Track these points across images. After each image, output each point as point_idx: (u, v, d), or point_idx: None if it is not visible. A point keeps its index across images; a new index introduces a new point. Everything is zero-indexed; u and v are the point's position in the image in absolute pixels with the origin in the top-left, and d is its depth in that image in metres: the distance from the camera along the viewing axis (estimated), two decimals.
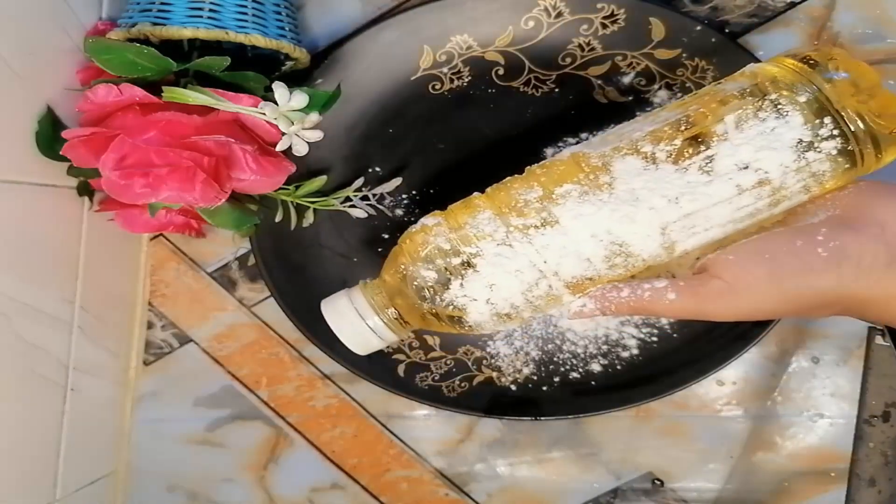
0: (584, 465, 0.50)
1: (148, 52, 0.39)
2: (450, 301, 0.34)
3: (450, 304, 0.34)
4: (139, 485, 0.52)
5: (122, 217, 0.45)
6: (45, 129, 0.41)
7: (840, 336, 0.48)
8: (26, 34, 0.39)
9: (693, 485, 0.49)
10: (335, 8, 0.50)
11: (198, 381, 0.52)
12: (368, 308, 0.36)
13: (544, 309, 0.35)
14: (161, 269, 0.52)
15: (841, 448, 0.47)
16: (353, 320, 0.36)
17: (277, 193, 0.45)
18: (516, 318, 0.35)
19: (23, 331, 0.41)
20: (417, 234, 0.35)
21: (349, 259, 0.48)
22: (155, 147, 0.39)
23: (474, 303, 0.34)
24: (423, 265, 0.34)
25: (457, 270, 0.33)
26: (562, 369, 0.47)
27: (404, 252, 0.35)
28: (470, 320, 0.34)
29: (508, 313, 0.34)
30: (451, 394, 0.48)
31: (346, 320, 0.36)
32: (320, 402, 0.51)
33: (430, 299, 0.34)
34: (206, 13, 0.40)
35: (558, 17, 0.46)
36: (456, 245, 0.34)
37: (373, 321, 0.36)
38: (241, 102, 0.40)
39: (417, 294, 0.34)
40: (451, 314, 0.34)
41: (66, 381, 0.45)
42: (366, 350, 0.37)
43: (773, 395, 0.48)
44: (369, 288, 0.37)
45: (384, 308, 0.36)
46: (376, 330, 0.36)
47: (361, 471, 0.51)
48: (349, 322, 0.36)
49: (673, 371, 0.46)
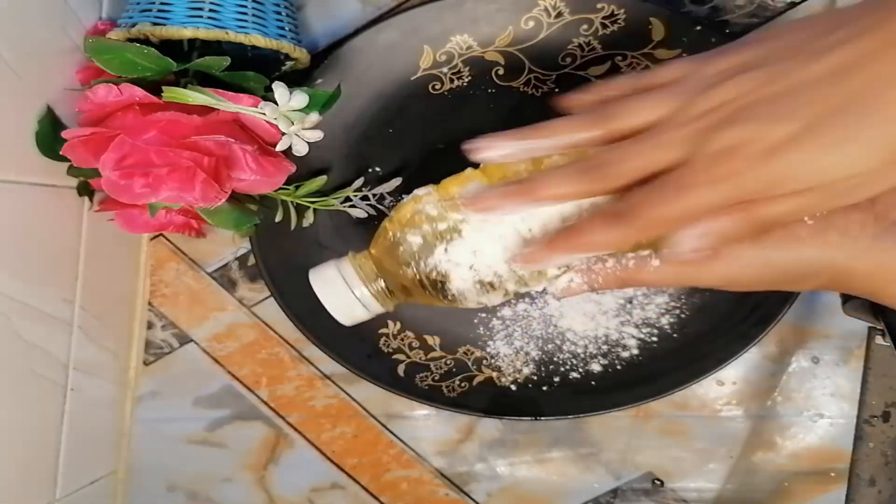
0: (584, 465, 0.50)
1: (148, 52, 0.39)
2: (434, 266, 0.34)
3: (433, 268, 0.34)
4: (139, 485, 0.52)
5: (122, 217, 0.45)
6: (45, 129, 0.41)
7: (840, 336, 0.48)
8: (26, 34, 0.39)
9: (693, 485, 0.49)
10: (335, 8, 0.50)
11: (198, 381, 0.52)
12: (356, 277, 0.36)
13: (529, 282, 0.35)
14: (161, 269, 0.52)
15: (841, 448, 0.47)
16: (341, 289, 0.36)
17: (277, 193, 0.45)
18: (500, 288, 0.35)
19: (23, 331, 0.41)
20: (407, 204, 0.35)
21: None
22: (155, 147, 0.39)
23: (458, 268, 0.34)
24: (410, 231, 0.34)
25: (442, 236, 0.34)
26: (562, 369, 0.47)
27: (393, 221, 0.36)
28: (453, 287, 0.34)
29: (492, 282, 0.34)
30: (451, 394, 0.48)
31: (334, 289, 0.36)
32: (320, 402, 0.51)
33: (416, 265, 0.34)
34: (206, 13, 0.40)
35: (558, 17, 0.46)
36: (443, 211, 0.34)
37: (360, 291, 0.36)
38: (241, 102, 0.40)
39: (403, 260, 0.35)
40: (435, 279, 0.34)
41: (66, 381, 0.45)
42: (351, 320, 0.37)
43: (773, 395, 0.48)
44: (358, 258, 0.37)
45: (372, 278, 0.36)
46: (362, 300, 0.36)
47: (361, 471, 0.51)
48: (336, 291, 0.36)
49: (673, 371, 0.46)
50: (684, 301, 0.47)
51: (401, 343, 0.48)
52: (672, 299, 0.47)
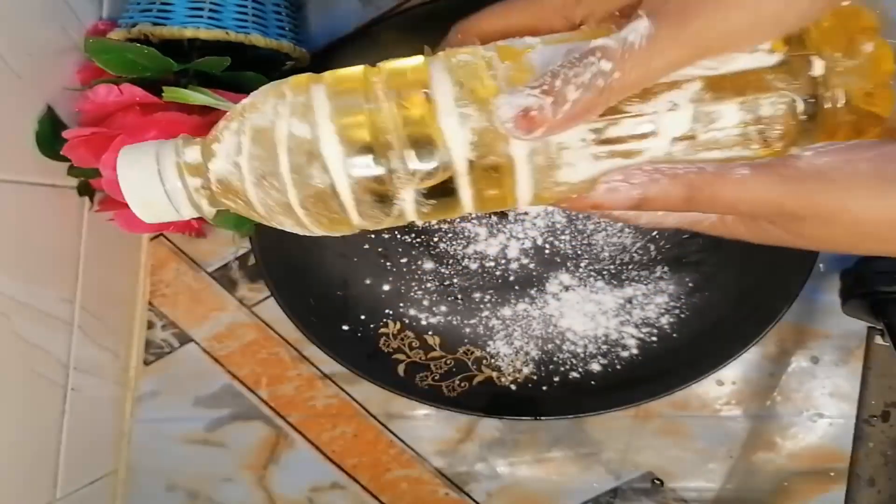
0: (584, 465, 0.50)
1: (148, 52, 0.39)
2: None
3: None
4: (139, 485, 0.52)
5: (122, 217, 0.45)
6: (45, 129, 0.41)
7: (840, 336, 0.48)
8: (26, 34, 0.39)
9: (693, 485, 0.49)
10: (335, 8, 0.50)
11: (198, 381, 0.52)
12: (173, 168, 0.27)
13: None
14: (161, 269, 0.52)
15: (841, 448, 0.47)
16: (150, 178, 0.27)
17: None
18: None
19: (23, 331, 0.41)
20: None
21: (349, 259, 0.48)
22: None
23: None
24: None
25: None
26: (562, 369, 0.47)
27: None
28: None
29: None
30: (451, 394, 0.48)
31: (141, 175, 0.27)
32: (320, 402, 0.51)
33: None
34: (206, 13, 0.40)
35: None
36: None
37: (171, 185, 0.27)
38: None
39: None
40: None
41: (66, 381, 0.45)
42: (153, 217, 0.29)
43: (773, 395, 0.48)
44: (189, 145, 0.28)
45: (195, 173, 0.28)
46: (172, 196, 0.28)
47: (361, 471, 0.51)
48: (144, 179, 0.27)
49: (673, 371, 0.46)
50: (684, 301, 0.47)
51: (401, 343, 0.48)
52: (672, 299, 0.47)
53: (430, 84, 0.25)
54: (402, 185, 0.25)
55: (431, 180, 0.25)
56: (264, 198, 0.26)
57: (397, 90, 0.25)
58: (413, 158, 0.24)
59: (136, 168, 0.27)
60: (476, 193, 0.25)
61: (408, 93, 0.25)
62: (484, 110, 0.24)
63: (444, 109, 0.24)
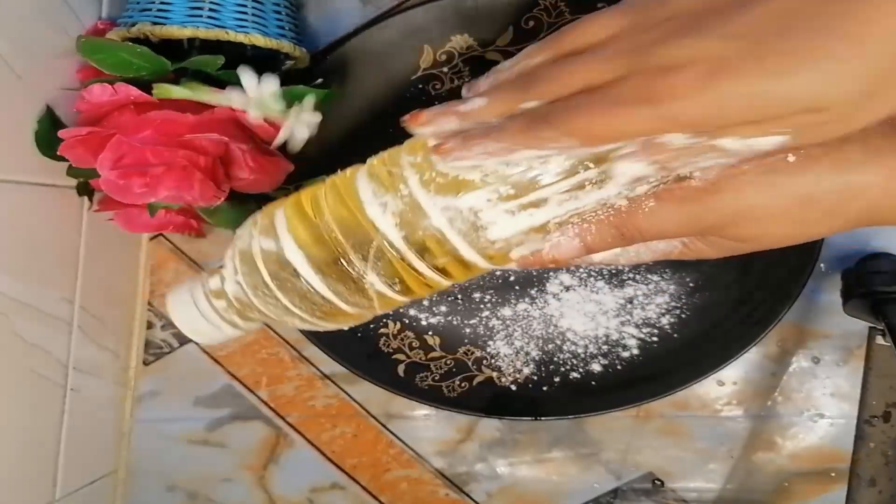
0: (584, 465, 0.50)
1: (142, 51, 0.39)
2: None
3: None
4: (139, 485, 0.52)
5: (122, 217, 0.45)
6: (44, 129, 0.41)
7: (840, 336, 0.48)
8: (26, 34, 0.39)
9: (693, 485, 0.49)
10: (335, 8, 0.50)
11: (198, 381, 0.52)
12: (203, 295, 0.33)
13: (493, 255, 0.28)
14: (161, 269, 0.52)
15: (841, 448, 0.47)
16: (189, 307, 0.33)
17: (277, 193, 0.45)
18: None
19: (23, 331, 0.41)
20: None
21: None
22: (150, 146, 0.39)
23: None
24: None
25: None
26: (562, 369, 0.47)
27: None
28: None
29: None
30: (451, 394, 0.48)
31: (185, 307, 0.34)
32: (320, 402, 0.51)
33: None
34: (205, 12, 0.40)
35: (559, 17, 0.46)
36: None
37: (204, 310, 0.33)
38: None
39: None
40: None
41: (66, 381, 0.45)
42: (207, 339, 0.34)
43: (774, 395, 0.48)
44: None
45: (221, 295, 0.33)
46: (208, 318, 0.33)
47: (361, 471, 0.51)
48: (186, 308, 0.33)
49: (673, 371, 0.46)
50: (685, 301, 0.47)
51: (401, 343, 0.48)
52: (672, 299, 0.47)
53: (356, 187, 0.29)
54: (364, 272, 0.29)
55: (382, 262, 0.28)
56: (268, 305, 0.31)
57: (335, 197, 0.29)
58: (358, 247, 0.28)
59: (178, 303, 0.33)
60: (429, 265, 0.28)
61: (341, 198, 0.29)
62: (396, 197, 0.28)
63: (367, 203, 0.28)
